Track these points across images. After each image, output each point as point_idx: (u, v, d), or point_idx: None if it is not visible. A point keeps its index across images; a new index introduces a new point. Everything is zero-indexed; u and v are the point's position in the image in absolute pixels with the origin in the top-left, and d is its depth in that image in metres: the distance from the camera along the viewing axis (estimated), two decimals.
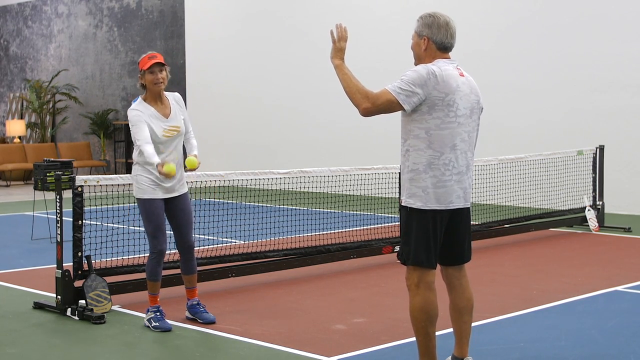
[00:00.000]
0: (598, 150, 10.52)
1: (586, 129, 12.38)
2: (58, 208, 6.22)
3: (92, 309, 6.05)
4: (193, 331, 5.72)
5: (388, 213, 10.63)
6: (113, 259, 7.22)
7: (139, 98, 5.77)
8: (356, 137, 15.10)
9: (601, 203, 10.51)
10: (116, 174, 13.74)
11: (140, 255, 7.16)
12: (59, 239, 6.23)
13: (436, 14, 4.42)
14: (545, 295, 6.71)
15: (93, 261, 6.40)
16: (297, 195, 10.27)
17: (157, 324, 5.73)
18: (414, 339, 4.46)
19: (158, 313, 5.81)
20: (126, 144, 19.34)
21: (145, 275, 5.91)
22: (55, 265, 6.27)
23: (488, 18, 13.56)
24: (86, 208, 6.43)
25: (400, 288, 6.86)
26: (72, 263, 6.25)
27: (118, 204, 7.82)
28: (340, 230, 9.33)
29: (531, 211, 10.93)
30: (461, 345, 4.60)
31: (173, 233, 5.92)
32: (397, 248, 8.20)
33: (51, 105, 21.34)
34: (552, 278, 7.48)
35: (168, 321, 5.81)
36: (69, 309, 6.11)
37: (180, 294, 6.42)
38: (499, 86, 13.22)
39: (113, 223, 8.10)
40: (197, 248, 6.59)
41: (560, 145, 11.97)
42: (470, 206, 4.52)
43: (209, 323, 5.85)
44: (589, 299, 6.60)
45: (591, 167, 10.69)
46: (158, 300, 5.89)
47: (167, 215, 5.84)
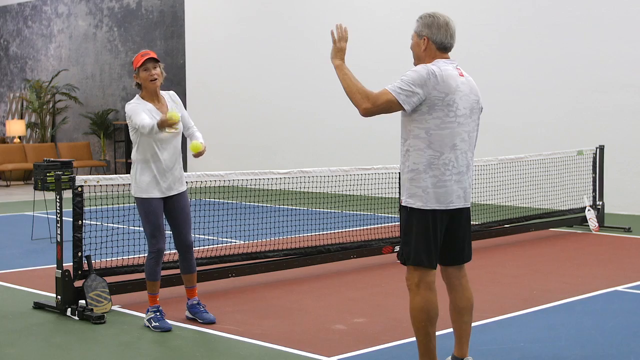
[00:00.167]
0: (598, 150, 10.52)
1: (586, 129, 12.38)
2: (58, 208, 6.22)
3: (92, 309, 6.05)
4: (193, 331, 5.72)
5: (388, 213, 10.63)
6: (113, 259, 7.22)
7: (137, 96, 5.79)
8: (356, 137, 15.11)
9: (601, 203, 10.51)
10: (116, 174, 13.73)
11: (140, 255, 7.17)
12: (59, 239, 6.22)
13: (436, 14, 4.42)
14: (545, 295, 6.71)
15: (93, 261, 6.40)
16: (297, 195, 10.27)
17: (157, 324, 5.73)
18: (414, 339, 4.46)
19: (158, 313, 5.80)
20: (126, 144, 19.33)
21: (144, 275, 5.91)
22: (55, 265, 6.27)
23: (488, 18, 13.56)
24: (86, 208, 6.43)
25: (400, 288, 6.86)
26: (72, 263, 6.25)
27: (118, 204, 7.82)
28: (340, 230, 9.33)
29: (531, 211, 10.93)
30: (461, 345, 4.60)
31: (172, 232, 5.92)
32: (397, 248, 8.22)
33: (51, 105, 21.34)
34: (552, 278, 7.47)
35: (168, 321, 5.80)
36: (69, 309, 6.11)
37: (180, 294, 6.43)
38: (499, 86, 13.22)
39: (113, 223, 8.11)
40: (197, 248, 6.60)
41: (560, 145, 11.98)
42: (470, 206, 4.52)
43: (209, 323, 5.85)
44: (589, 299, 6.60)
45: (591, 167, 10.69)
46: (158, 300, 5.89)
47: (166, 214, 5.84)
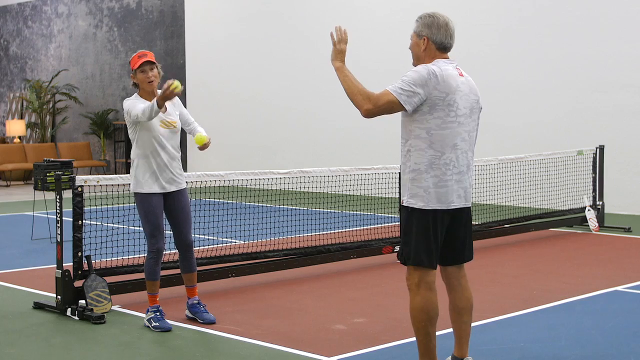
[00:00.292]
0: (598, 150, 10.52)
1: (586, 129, 12.38)
2: (58, 208, 6.22)
3: (92, 309, 6.05)
4: (193, 331, 5.72)
5: (388, 213, 10.63)
6: (113, 259, 7.22)
7: (135, 95, 5.82)
8: (356, 137, 15.11)
9: (601, 203, 10.51)
10: (116, 174, 13.73)
11: (140, 255, 7.17)
12: (59, 239, 6.22)
13: (436, 14, 4.43)
14: (545, 295, 6.71)
15: (93, 261, 6.40)
16: (297, 195, 10.27)
17: (157, 324, 5.73)
18: (414, 339, 4.46)
19: (158, 313, 5.80)
20: (126, 144, 19.33)
21: (144, 275, 5.91)
22: (55, 265, 6.27)
23: (488, 18, 13.56)
24: (86, 208, 6.43)
25: (400, 288, 6.86)
26: (72, 263, 6.25)
27: (118, 204, 7.82)
28: (340, 230, 9.33)
29: (531, 211, 10.93)
30: (461, 345, 4.60)
31: (172, 231, 5.93)
32: (397, 248, 8.22)
33: (51, 105, 21.34)
34: (552, 278, 7.47)
35: (168, 321, 5.80)
36: (69, 309, 6.11)
37: (180, 294, 6.43)
38: (499, 86, 13.22)
39: (113, 223, 8.11)
40: (197, 248, 6.60)
41: (560, 145, 11.98)
42: (471, 206, 4.52)
43: (209, 323, 5.85)
44: (589, 299, 6.60)
45: (591, 167, 10.68)
46: (158, 300, 5.89)
47: (166, 213, 5.84)
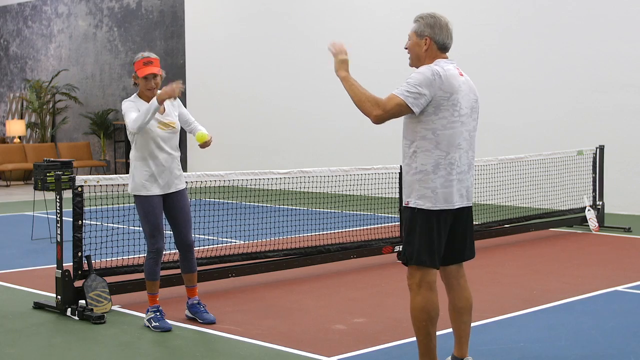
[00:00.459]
0: (598, 150, 10.52)
1: (586, 129, 12.38)
2: (58, 208, 6.22)
3: (92, 309, 6.05)
4: (193, 331, 5.72)
5: (388, 213, 10.62)
6: (113, 259, 7.22)
7: (135, 95, 5.82)
8: (356, 137, 15.11)
9: (601, 203, 10.51)
10: (116, 174, 13.73)
11: (140, 255, 7.17)
12: (59, 239, 6.22)
13: (436, 15, 4.43)
14: (545, 295, 6.71)
15: (93, 261, 6.40)
16: (297, 195, 10.27)
17: (157, 324, 5.73)
18: (414, 339, 4.46)
19: (158, 313, 5.80)
20: (126, 144, 19.32)
21: (144, 275, 5.90)
22: (55, 265, 6.27)
23: (488, 18, 13.56)
24: (86, 208, 6.43)
25: (400, 288, 6.86)
26: (72, 263, 6.25)
27: (118, 204, 7.82)
28: (340, 230, 9.32)
29: (531, 211, 10.93)
30: (461, 345, 4.60)
31: (172, 232, 5.92)
32: (397, 248, 8.22)
33: (51, 105, 21.34)
34: (552, 278, 7.47)
35: (168, 321, 5.80)
36: (69, 309, 6.11)
37: (180, 294, 6.42)
38: (499, 86, 13.22)
39: (113, 223, 8.11)
40: (197, 248, 6.60)
41: (560, 145, 11.98)
42: (472, 205, 4.53)
43: (209, 323, 5.85)
44: (589, 299, 6.60)
45: (591, 167, 10.68)
46: (158, 300, 5.89)
47: (166, 213, 5.84)
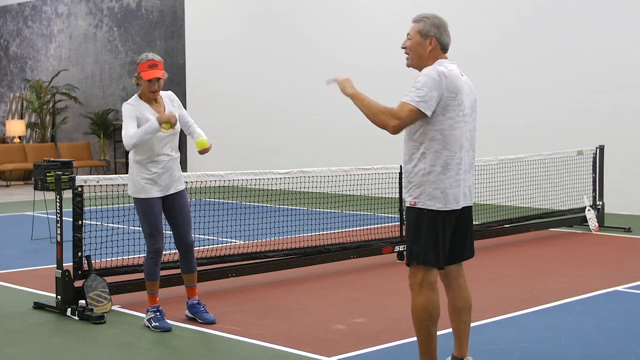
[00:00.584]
0: (598, 150, 10.52)
1: (586, 129, 12.38)
2: (58, 208, 6.22)
3: (92, 309, 6.05)
4: (193, 331, 5.72)
5: (388, 213, 10.62)
6: (113, 259, 7.22)
7: (135, 95, 5.82)
8: (356, 137, 15.10)
9: (601, 203, 10.51)
10: (116, 174, 13.73)
11: (140, 255, 7.17)
12: (59, 239, 6.22)
13: (438, 15, 4.45)
14: (545, 295, 6.71)
15: (93, 261, 6.40)
16: (297, 195, 10.27)
17: (157, 324, 5.73)
18: (414, 339, 4.46)
19: (158, 313, 5.80)
20: None
21: (143, 275, 5.91)
22: (55, 265, 6.27)
23: (488, 18, 13.56)
24: (86, 208, 6.43)
25: (400, 288, 6.86)
26: (72, 263, 6.25)
27: (118, 204, 7.81)
28: (340, 230, 9.33)
29: (531, 211, 10.93)
30: (461, 345, 4.60)
31: (172, 232, 5.92)
32: (397, 248, 8.22)
33: (51, 105, 21.34)
34: (552, 278, 7.47)
35: (168, 321, 5.80)
36: (69, 309, 6.11)
37: (180, 294, 6.42)
38: (499, 86, 13.22)
39: (113, 223, 8.11)
40: (197, 248, 6.60)
41: (560, 145, 11.98)
42: (472, 204, 4.53)
43: (209, 323, 5.85)
44: (589, 299, 6.60)
45: (591, 167, 10.68)
46: (157, 300, 5.89)
47: (165, 214, 5.84)
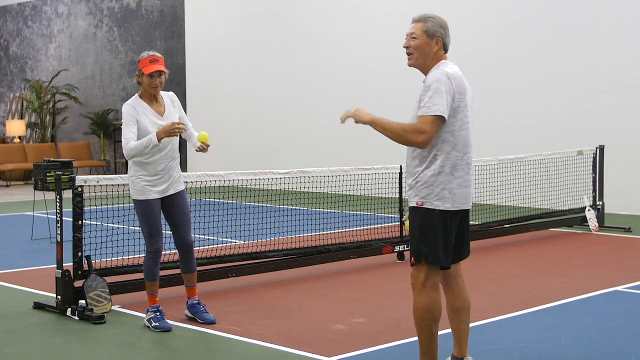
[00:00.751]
0: (598, 150, 10.52)
1: (586, 129, 12.38)
2: (58, 208, 6.22)
3: (92, 309, 6.05)
4: (193, 331, 5.72)
5: (388, 213, 10.62)
6: (113, 259, 7.22)
7: (136, 95, 5.82)
8: (356, 137, 15.07)
9: (601, 203, 10.51)
10: (116, 174, 13.74)
11: (139, 255, 7.17)
12: (59, 239, 6.22)
13: (440, 16, 4.44)
14: (545, 295, 6.71)
15: (93, 261, 6.40)
16: (297, 195, 10.27)
17: (157, 324, 5.73)
18: (414, 339, 4.46)
19: (158, 313, 5.80)
20: None
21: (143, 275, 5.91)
22: (55, 265, 6.27)
23: (488, 18, 13.55)
24: (86, 208, 6.43)
25: (400, 288, 6.86)
26: (72, 263, 6.25)
27: (118, 204, 7.81)
28: (340, 230, 9.33)
29: (531, 211, 10.93)
30: (460, 345, 4.60)
31: (172, 232, 5.92)
32: (397, 248, 8.21)
33: (51, 105, 21.34)
34: (552, 278, 7.47)
35: (168, 321, 5.80)
36: (69, 309, 6.11)
37: (180, 294, 6.42)
38: (499, 86, 13.22)
39: (113, 223, 8.11)
40: (197, 248, 6.60)
41: (560, 145, 11.97)
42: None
43: (209, 323, 5.85)
44: (589, 299, 6.60)
45: (591, 167, 10.68)
46: (157, 300, 5.89)
47: (165, 214, 5.84)
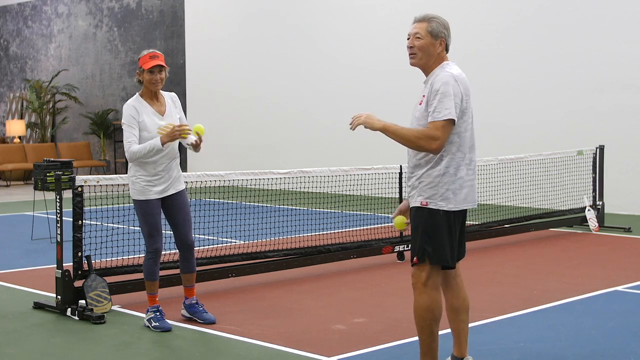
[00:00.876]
0: (598, 150, 10.52)
1: (586, 129, 12.38)
2: (58, 208, 6.22)
3: (92, 309, 6.05)
4: (193, 331, 5.72)
5: (388, 213, 10.61)
6: (113, 259, 7.22)
7: (136, 95, 5.81)
8: (356, 137, 15.03)
9: (601, 203, 10.51)
10: (116, 174, 13.74)
11: (139, 255, 7.16)
12: (59, 239, 6.22)
13: (441, 16, 4.45)
14: (545, 295, 6.71)
15: (93, 261, 6.40)
16: (297, 195, 10.27)
17: (157, 324, 5.73)
18: (415, 339, 4.46)
19: (158, 313, 5.80)
20: None
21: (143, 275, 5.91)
22: (55, 265, 6.27)
23: (488, 18, 13.56)
24: (86, 208, 6.43)
25: (400, 288, 6.86)
26: (72, 263, 6.25)
27: (118, 204, 7.81)
28: (340, 230, 9.33)
29: (531, 211, 10.93)
30: (460, 345, 4.60)
31: (172, 232, 5.92)
32: (397, 248, 8.22)
33: (51, 105, 21.35)
34: (552, 278, 7.47)
35: (168, 321, 5.80)
36: (69, 309, 6.11)
37: (180, 294, 6.42)
38: (499, 86, 13.22)
39: (113, 223, 8.11)
40: (197, 248, 6.60)
41: (560, 145, 11.98)
42: None
43: (209, 323, 5.85)
44: (589, 299, 6.60)
45: (591, 167, 10.68)
46: (157, 300, 5.89)
47: (165, 214, 5.84)
